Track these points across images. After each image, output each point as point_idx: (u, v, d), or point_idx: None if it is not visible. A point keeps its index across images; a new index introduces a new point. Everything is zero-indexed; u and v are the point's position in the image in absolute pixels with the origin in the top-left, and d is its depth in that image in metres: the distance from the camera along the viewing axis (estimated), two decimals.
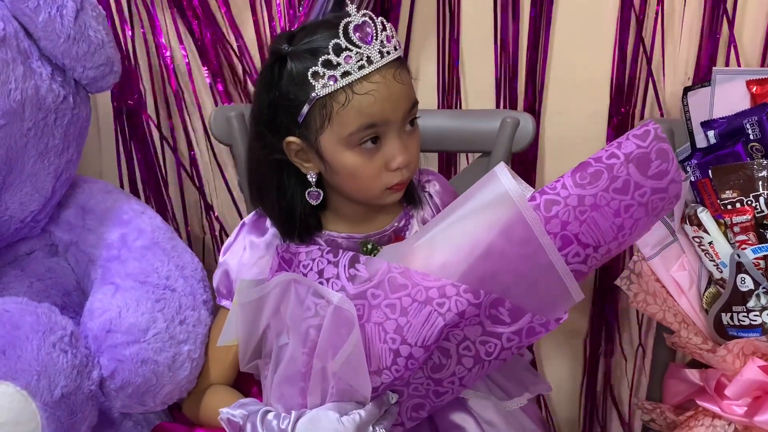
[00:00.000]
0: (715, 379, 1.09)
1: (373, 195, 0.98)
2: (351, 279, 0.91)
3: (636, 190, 0.86)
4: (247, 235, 1.05)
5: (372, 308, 0.89)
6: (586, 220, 0.86)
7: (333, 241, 1.03)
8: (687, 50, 1.31)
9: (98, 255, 1.08)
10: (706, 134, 1.16)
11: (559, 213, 0.86)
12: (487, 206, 0.87)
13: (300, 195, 1.00)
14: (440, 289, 0.87)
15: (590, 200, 0.86)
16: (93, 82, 1.08)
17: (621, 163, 0.86)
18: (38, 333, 0.90)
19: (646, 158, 0.86)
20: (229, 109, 1.27)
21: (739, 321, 1.08)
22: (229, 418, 0.91)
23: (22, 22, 1.01)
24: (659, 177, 0.86)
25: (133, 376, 0.96)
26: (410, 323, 0.87)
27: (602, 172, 0.86)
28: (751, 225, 1.07)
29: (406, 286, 0.88)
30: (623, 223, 0.87)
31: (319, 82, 0.90)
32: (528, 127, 1.23)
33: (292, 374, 0.92)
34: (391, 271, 0.89)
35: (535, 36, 1.31)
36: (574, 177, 0.87)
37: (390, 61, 0.92)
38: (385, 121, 0.93)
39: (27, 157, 1.02)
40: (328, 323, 0.88)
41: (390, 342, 0.88)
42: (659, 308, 1.12)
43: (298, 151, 0.97)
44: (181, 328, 1.01)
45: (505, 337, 0.90)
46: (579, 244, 0.87)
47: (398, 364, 0.88)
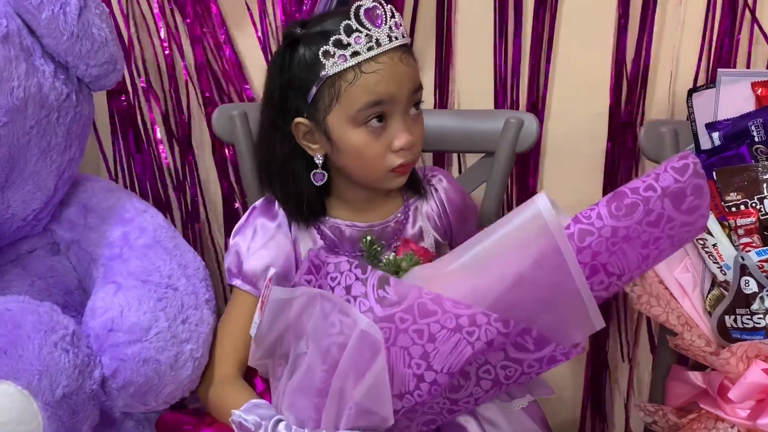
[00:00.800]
0: (719, 382, 1.08)
1: (378, 176, 1.01)
2: (379, 301, 0.90)
3: (667, 224, 0.86)
4: (258, 218, 1.07)
5: (399, 332, 0.88)
6: (616, 251, 0.86)
7: (337, 228, 1.05)
8: (692, 51, 1.31)
9: (100, 254, 1.07)
10: (710, 136, 1.16)
11: (592, 244, 0.86)
12: (524, 235, 0.86)
13: (306, 178, 1.03)
14: (471, 318, 0.86)
15: (623, 232, 0.86)
16: (96, 80, 1.08)
17: (657, 196, 0.86)
18: (40, 332, 0.90)
19: (682, 193, 0.86)
20: (231, 107, 1.27)
21: (742, 323, 1.08)
22: (241, 422, 0.91)
23: (25, 19, 1.00)
24: (691, 212, 0.87)
25: (135, 375, 0.95)
26: (437, 350, 0.87)
27: (638, 204, 0.86)
28: (755, 227, 1.07)
29: (435, 312, 0.88)
30: (649, 254, 0.88)
31: (330, 61, 0.95)
32: (532, 127, 1.23)
33: (308, 387, 0.91)
34: (421, 297, 0.88)
35: (538, 36, 1.31)
36: (609, 207, 0.86)
37: (397, 46, 0.97)
38: (391, 98, 0.96)
39: (29, 155, 1.02)
40: (353, 345, 0.87)
41: (414, 367, 0.88)
42: (662, 310, 1.12)
43: (306, 133, 1.00)
44: (183, 327, 1.01)
45: (526, 364, 0.90)
46: (605, 273, 0.87)
47: (421, 389, 0.88)
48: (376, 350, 0.86)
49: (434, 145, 1.22)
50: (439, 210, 1.13)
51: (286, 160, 1.03)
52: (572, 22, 1.31)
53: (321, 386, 0.89)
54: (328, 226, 1.06)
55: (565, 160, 1.40)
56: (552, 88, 1.35)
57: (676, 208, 0.86)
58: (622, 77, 1.32)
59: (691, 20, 1.29)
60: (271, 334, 0.96)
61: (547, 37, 1.31)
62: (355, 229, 1.06)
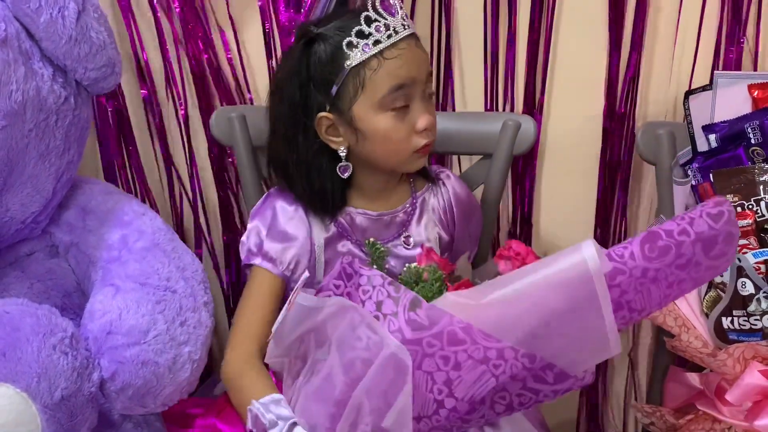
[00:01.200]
0: (716, 383, 1.09)
1: (403, 158, 1.06)
2: (410, 323, 0.89)
3: (694, 267, 0.87)
4: (276, 200, 1.12)
5: (425, 356, 0.88)
6: (642, 290, 0.86)
7: (348, 216, 1.10)
8: (689, 53, 1.31)
9: (99, 256, 1.07)
10: (707, 138, 1.16)
11: (622, 283, 0.86)
12: (564, 279, 0.85)
13: (331, 172, 1.07)
14: (499, 351, 0.86)
15: (653, 274, 0.86)
16: (94, 83, 1.08)
17: (690, 242, 0.85)
18: (38, 335, 0.90)
19: (714, 240, 0.86)
20: (230, 110, 1.28)
21: (739, 325, 1.08)
22: (258, 415, 0.93)
23: (24, 23, 1.00)
24: (718, 257, 0.87)
25: (134, 377, 0.95)
26: (461, 378, 0.87)
27: (671, 248, 0.85)
28: (752, 229, 1.07)
29: (465, 342, 0.87)
30: (670, 293, 0.88)
31: (353, 51, 1.00)
32: (529, 129, 1.23)
33: (326, 396, 0.91)
34: (452, 324, 0.88)
35: (535, 38, 1.32)
36: (642, 248, 0.86)
37: (410, 33, 1.03)
38: (412, 80, 1.03)
39: (28, 158, 1.02)
40: (379, 364, 0.87)
41: (436, 392, 0.88)
42: (660, 312, 1.12)
43: (329, 127, 1.05)
44: (181, 329, 1.01)
45: (542, 394, 0.90)
46: (628, 309, 0.87)
47: (440, 414, 0.88)
48: (403, 373, 0.86)
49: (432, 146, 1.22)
50: (445, 205, 1.16)
51: (311, 157, 1.07)
52: (569, 25, 1.31)
53: (339, 397, 0.90)
54: (344, 215, 1.10)
55: (562, 162, 1.40)
56: (550, 90, 1.35)
57: (705, 254, 0.86)
58: (617, 79, 1.32)
59: (686, 22, 1.29)
60: (292, 336, 0.96)
61: (545, 40, 1.31)
62: (365, 216, 1.11)
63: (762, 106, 1.12)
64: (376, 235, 1.11)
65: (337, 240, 1.11)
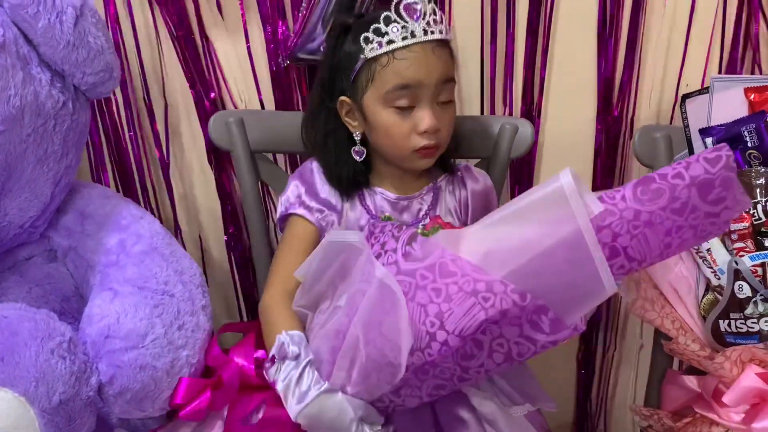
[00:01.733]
0: (713, 386, 1.09)
1: (404, 155, 1.10)
2: (405, 255, 0.95)
3: (691, 213, 0.86)
4: (315, 163, 1.17)
5: (418, 288, 0.91)
6: (638, 236, 0.86)
7: (372, 196, 1.15)
8: (686, 56, 1.31)
9: (97, 260, 1.07)
10: (704, 141, 1.16)
11: (613, 224, 0.86)
12: (545, 210, 0.87)
13: (347, 153, 1.13)
14: (488, 284, 0.87)
15: (646, 217, 0.85)
16: (92, 88, 1.08)
17: (684, 185, 0.85)
18: (37, 339, 0.90)
19: (710, 184, 0.85)
20: (228, 114, 1.28)
21: (736, 328, 1.08)
22: (283, 344, 0.98)
23: (22, 28, 1.00)
24: (716, 203, 0.86)
25: (132, 381, 0.96)
26: (452, 311, 0.88)
27: (664, 191, 0.85)
28: (748, 232, 1.07)
29: (455, 274, 0.89)
30: (671, 242, 0.87)
31: (368, 46, 1.05)
32: (527, 133, 1.24)
33: (330, 329, 0.95)
34: (444, 256, 0.91)
35: (532, 42, 1.32)
36: (635, 191, 0.86)
37: (432, 39, 1.06)
38: (418, 84, 1.05)
39: (26, 162, 1.02)
40: (371, 294, 0.91)
41: (428, 325, 0.89)
42: (657, 315, 1.12)
43: (348, 111, 1.11)
44: (179, 333, 1.01)
45: (540, 344, 0.90)
46: (626, 257, 0.87)
47: (432, 348, 0.89)
48: (393, 300, 0.90)
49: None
50: (462, 200, 1.19)
51: (330, 135, 1.14)
52: (565, 28, 1.31)
53: (339, 328, 0.94)
54: (369, 192, 1.16)
55: (560, 165, 1.39)
56: (547, 93, 1.35)
57: (702, 198, 0.85)
58: (614, 83, 1.32)
59: (683, 25, 1.29)
60: (318, 285, 1.00)
61: (542, 44, 1.32)
62: (384, 197, 1.15)
63: (758, 110, 1.12)
64: (395, 218, 1.15)
65: (360, 215, 1.15)
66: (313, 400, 0.94)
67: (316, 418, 0.95)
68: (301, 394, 0.95)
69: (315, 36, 1.24)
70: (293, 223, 1.15)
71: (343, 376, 0.94)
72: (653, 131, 1.23)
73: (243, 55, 1.35)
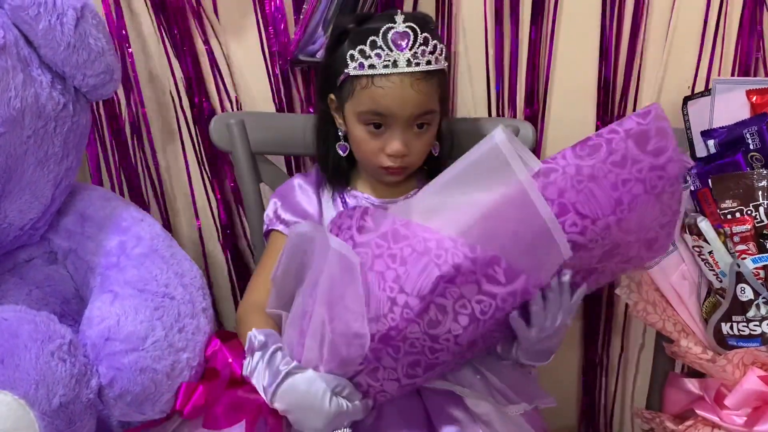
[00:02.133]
0: (715, 389, 1.09)
1: (372, 169, 1.13)
2: (359, 229, 0.98)
3: (633, 165, 0.88)
4: (297, 179, 1.21)
5: (375, 258, 0.93)
6: (583, 190, 0.88)
7: (354, 199, 1.17)
8: (687, 59, 1.30)
9: (97, 262, 1.07)
10: (706, 144, 1.16)
11: (557, 180, 0.88)
12: (486, 169, 0.90)
13: (334, 146, 1.16)
14: (439, 242, 0.90)
15: (588, 170, 0.88)
16: (93, 90, 1.08)
17: (620, 138, 0.88)
18: (37, 341, 0.89)
19: (645, 135, 0.89)
20: (229, 116, 1.28)
21: (738, 331, 1.08)
22: (250, 338, 1.00)
23: (23, 29, 1.00)
24: (657, 154, 0.88)
25: (132, 384, 0.95)
26: (408, 273, 0.90)
27: (601, 145, 0.89)
28: (751, 235, 1.07)
29: (407, 237, 0.92)
30: (621, 197, 0.89)
31: (352, 63, 1.07)
32: (528, 135, 1.23)
33: (297, 314, 0.98)
34: (395, 223, 0.95)
35: (536, 44, 1.31)
36: (574, 149, 0.90)
37: (415, 71, 1.05)
38: (391, 114, 1.07)
39: (26, 164, 1.02)
40: (330, 269, 0.93)
41: (388, 290, 0.91)
42: (659, 317, 1.12)
43: (336, 108, 1.14)
44: (179, 336, 1.01)
45: (499, 298, 0.91)
46: (576, 214, 0.89)
47: (394, 312, 0.91)
48: (351, 269, 0.92)
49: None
50: None
51: (323, 125, 1.17)
52: (567, 31, 1.31)
53: (305, 309, 0.96)
54: (349, 196, 1.18)
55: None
56: (550, 96, 1.35)
57: (640, 149, 0.88)
58: (615, 85, 1.32)
59: (685, 27, 1.29)
60: (286, 281, 1.02)
61: (547, 46, 1.31)
62: (368, 202, 1.17)
63: (760, 112, 1.12)
64: None
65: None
66: (284, 377, 0.95)
67: (290, 395, 0.95)
68: (272, 375, 0.96)
69: (316, 38, 1.24)
70: (272, 239, 1.18)
71: (314, 357, 0.95)
72: None
73: (244, 57, 1.35)
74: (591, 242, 0.90)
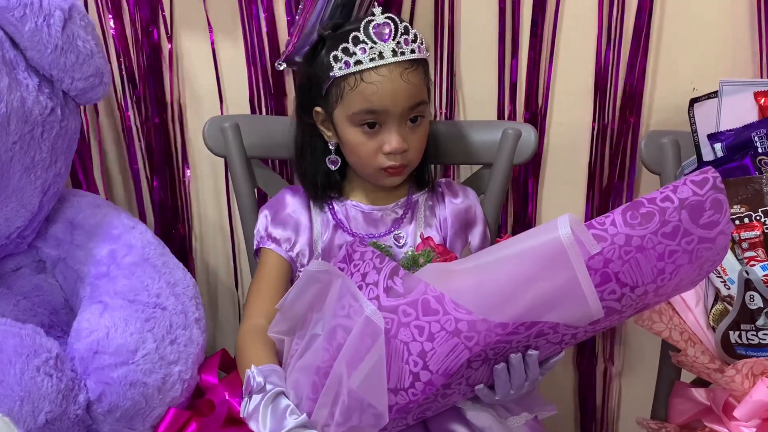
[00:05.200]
0: (723, 399, 1.07)
1: (370, 172, 1.11)
2: (387, 290, 0.93)
3: (684, 237, 0.85)
4: (285, 193, 1.19)
5: (401, 325, 0.90)
6: (629, 261, 0.85)
7: (344, 207, 1.16)
8: (693, 60, 1.29)
9: (87, 272, 1.06)
10: (713, 147, 1.14)
11: (604, 250, 0.85)
12: (542, 257, 0.85)
13: (322, 161, 1.14)
14: (471, 324, 0.87)
15: (637, 242, 0.85)
16: (82, 94, 1.07)
17: (674, 208, 0.85)
18: (22, 356, 0.88)
19: (700, 207, 0.85)
20: (222, 119, 1.25)
21: (747, 339, 1.06)
22: (249, 378, 0.96)
23: (8, 31, 0.99)
24: (709, 227, 0.86)
25: (122, 399, 0.94)
26: (435, 351, 0.87)
27: (654, 214, 0.85)
28: (759, 241, 1.06)
29: (437, 312, 0.88)
30: (665, 268, 0.86)
31: (337, 65, 1.05)
32: (530, 138, 1.22)
33: (310, 366, 0.94)
34: (426, 293, 0.90)
35: (537, 46, 1.30)
36: (624, 215, 0.86)
37: (402, 61, 1.05)
38: (384, 110, 1.05)
39: (12, 171, 1.00)
40: (356, 332, 0.89)
41: (412, 364, 0.88)
42: (665, 326, 1.10)
43: (323, 121, 1.12)
44: (171, 348, 0.99)
45: (515, 342, 0.89)
46: (617, 283, 0.86)
47: (416, 388, 0.88)
48: (376, 338, 0.88)
49: (431, 157, 1.20)
50: (441, 217, 1.17)
51: (307, 142, 1.15)
52: (569, 32, 1.30)
53: (320, 365, 0.92)
54: (340, 205, 1.16)
55: (564, 171, 1.39)
56: (552, 98, 1.34)
57: (693, 222, 0.85)
58: (620, 87, 1.31)
59: (691, 28, 1.28)
60: (295, 308, 0.99)
61: (549, 48, 1.30)
62: (358, 209, 1.16)
63: None
64: (368, 229, 1.15)
65: (334, 231, 1.15)
66: (291, 430, 0.92)
67: None
68: (276, 422, 0.93)
69: (312, 39, 1.22)
70: (264, 256, 1.16)
71: (325, 415, 0.92)
72: (660, 137, 1.21)
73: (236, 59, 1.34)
74: (624, 306, 0.88)
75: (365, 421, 0.90)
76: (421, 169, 1.16)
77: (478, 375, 0.93)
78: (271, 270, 1.14)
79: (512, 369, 0.93)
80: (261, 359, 1.01)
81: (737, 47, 1.27)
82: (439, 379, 0.88)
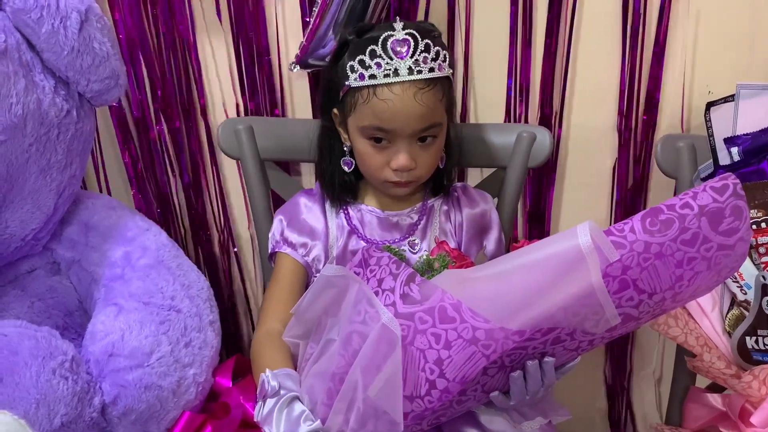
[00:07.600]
0: (740, 405, 1.06)
1: (378, 182, 1.11)
2: (403, 297, 0.92)
3: (703, 244, 0.85)
4: (300, 197, 1.19)
5: (417, 332, 0.89)
6: (648, 267, 0.85)
7: (359, 212, 1.16)
8: (710, 63, 1.28)
9: (101, 274, 1.05)
10: (729, 151, 1.14)
11: (623, 257, 0.84)
12: (560, 264, 0.85)
13: (338, 162, 1.14)
14: (488, 332, 0.86)
15: (656, 248, 0.84)
16: (98, 96, 1.06)
17: (694, 215, 0.84)
18: (37, 359, 0.88)
19: (720, 214, 0.84)
20: (236, 121, 1.25)
21: (764, 345, 1.05)
22: (263, 382, 0.95)
23: (25, 33, 0.99)
24: (729, 234, 0.85)
25: (137, 402, 0.93)
26: (452, 358, 0.87)
27: (673, 221, 0.84)
28: None
29: (454, 320, 0.88)
30: (683, 275, 0.86)
31: (352, 75, 1.04)
32: (545, 141, 1.21)
33: (326, 371, 0.93)
34: (443, 300, 0.89)
35: (552, 48, 1.29)
36: (644, 222, 0.85)
37: (418, 80, 1.02)
38: (392, 130, 1.04)
39: (28, 173, 1.00)
40: (372, 339, 0.88)
41: (428, 372, 0.88)
42: (681, 331, 1.09)
43: (340, 123, 1.12)
44: (186, 350, 0.99)
45: (531, 348, 0.89)
46: (635, 289, 0.86)
47: (432, 395, 0.88)
48: (392, 346, 0.87)
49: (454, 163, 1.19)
50: (457, 223, 1.17)
51: (326, 143, 1.15)
52: (586, 35, 1.29)
53: (336, 371, 0.91)
54: (355, 210, 1.16)
55: (579, 175, 1.38)
56: (568, 101, 1.33)
57: (713, 229, 0.84)
58: (636, 90, 1.30)
59: (707, 32, 1.27)
60: (311, 312, 0.99)
61: (565, 50, 1.29)
62: (373, 214, 1.15)
63: None
64: (383, 235, 1.14)
65: (348, 237, 1.14)
66: None
67: None
68: (290, 427, 0.92)
69: (326, 42, 1.22)
70: (279, 260, 1.16)
71: (339, 421, 0.91)
72: (676, 140, 1.20)
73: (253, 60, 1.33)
74: (642, 313, 0.88)
75: (380, 428, 0.89)
76: (439, 174, 1.15)
77: (494, 382, 0.92)
78: (287, 274, 1.14)
79: (528, 376, 0.92)
80: (276, 363, 1.00)
81: (755, 50, 1.26)
82: (455, 387, 0.87)
